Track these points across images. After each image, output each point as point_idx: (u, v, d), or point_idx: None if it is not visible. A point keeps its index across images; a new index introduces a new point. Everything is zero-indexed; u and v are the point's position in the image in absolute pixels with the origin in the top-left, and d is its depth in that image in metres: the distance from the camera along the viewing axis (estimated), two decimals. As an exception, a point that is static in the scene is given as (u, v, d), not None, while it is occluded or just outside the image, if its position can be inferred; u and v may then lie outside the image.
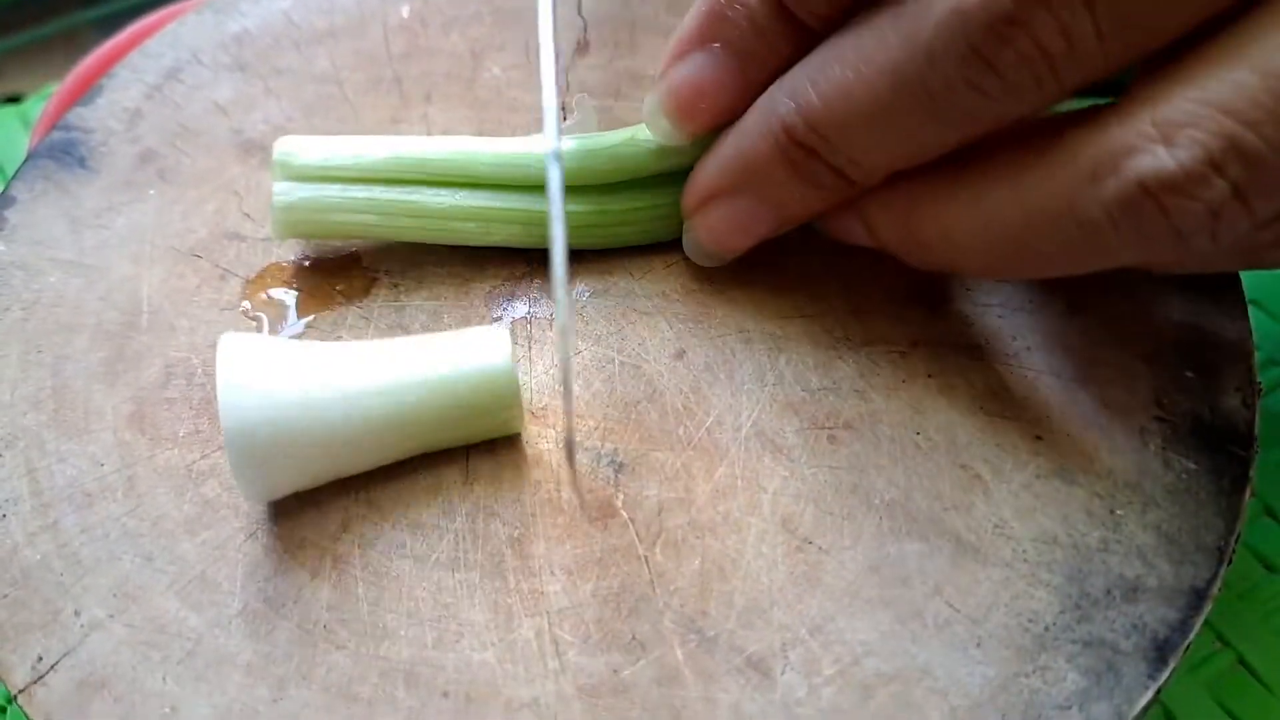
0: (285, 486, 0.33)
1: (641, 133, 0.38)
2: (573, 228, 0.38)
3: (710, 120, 0.36)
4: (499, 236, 0.39)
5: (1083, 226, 0.29)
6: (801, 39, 0.34)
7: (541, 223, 0.38)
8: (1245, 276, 0.38)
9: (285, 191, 0.38)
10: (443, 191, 0.38)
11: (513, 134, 0.43)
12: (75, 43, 0.64)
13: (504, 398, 0.33)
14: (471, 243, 0.39)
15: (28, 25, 0.64)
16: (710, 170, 0.37)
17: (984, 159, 0.32)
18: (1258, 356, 0.37)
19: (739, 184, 0.36)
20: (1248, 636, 0.39)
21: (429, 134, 0.43)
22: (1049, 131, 0.31)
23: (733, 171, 0.36)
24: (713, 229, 0.37)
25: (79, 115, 0.44)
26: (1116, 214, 0.28)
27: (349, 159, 0.38)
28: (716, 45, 0.35)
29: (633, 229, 0.39)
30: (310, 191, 0.38)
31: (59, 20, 0.65)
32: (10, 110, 0.56)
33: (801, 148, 0.33)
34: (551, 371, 0.37)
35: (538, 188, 0.38)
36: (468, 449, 0.35)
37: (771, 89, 0.34)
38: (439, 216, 0.38)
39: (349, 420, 0.32)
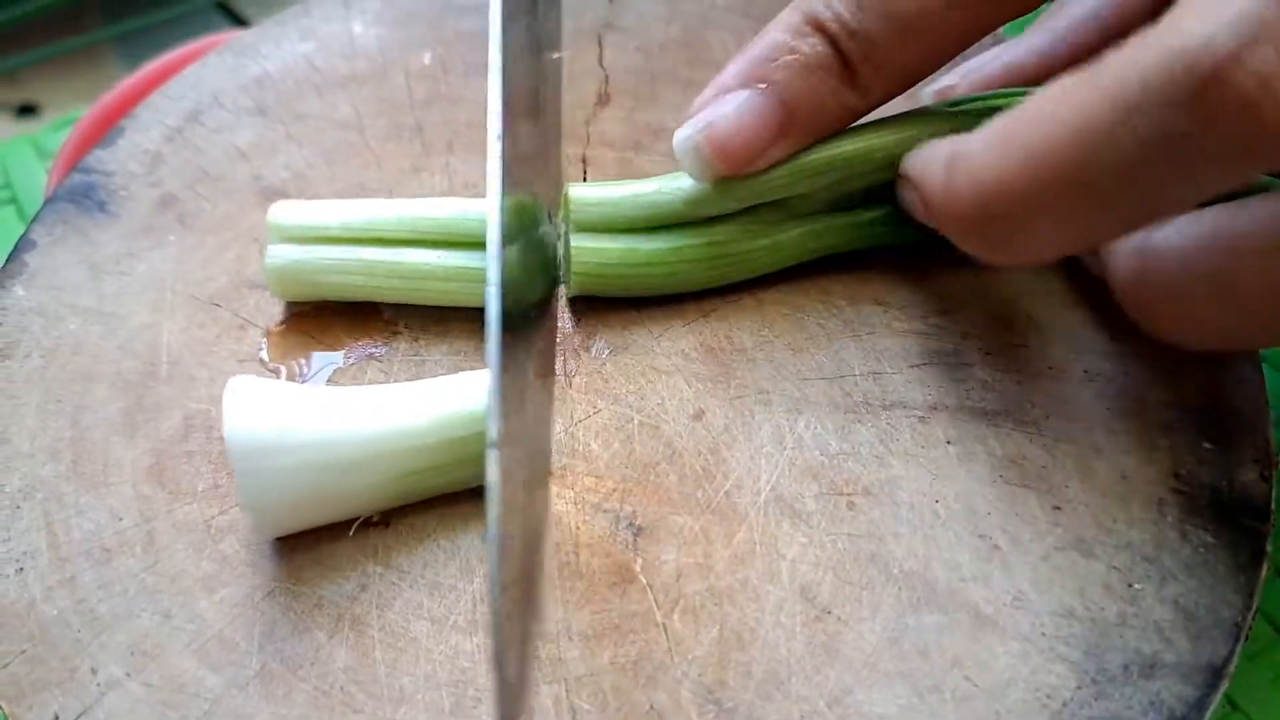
0: (290, 521, 0.34)
1: (669, 182, 0.38)
2: (597, 274, 0.38)
3: (742, 160, 0.36)
4: (478, 296, 0.39)
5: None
6: (856, 101, 0.35)
7: None
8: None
9: (277, 254, 0.39)
10: (429, 252, 0.39)
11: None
12: (94, 57, 0.64)
13: None
14: (460, 303, 0.39)
15: (48, 39, 0.64)
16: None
17: (1230, 229, 0.31)
18: (1272, 417, 0.37)
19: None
20: (1258, 700, 0.38)
21: (450, 184, 0.43)
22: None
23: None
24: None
25: (99, 158, 0.44)
26: None
27: (336, 221, 0.39)
28: (762, 85, 0.36)
29: (661, 272, 0.39)
30: (301, 254, 0.39)
31: (79, 35, 0.65)
32: (25, 140, 0.56)
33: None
34: (571, 430, 0.37)
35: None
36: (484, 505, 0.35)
37: (955, 147, 0.33)
38: (424, 277, 0.38)
39: (344, 458, 0.33)
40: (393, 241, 0.39)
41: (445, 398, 0.34)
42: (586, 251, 0.38)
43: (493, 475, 0.26)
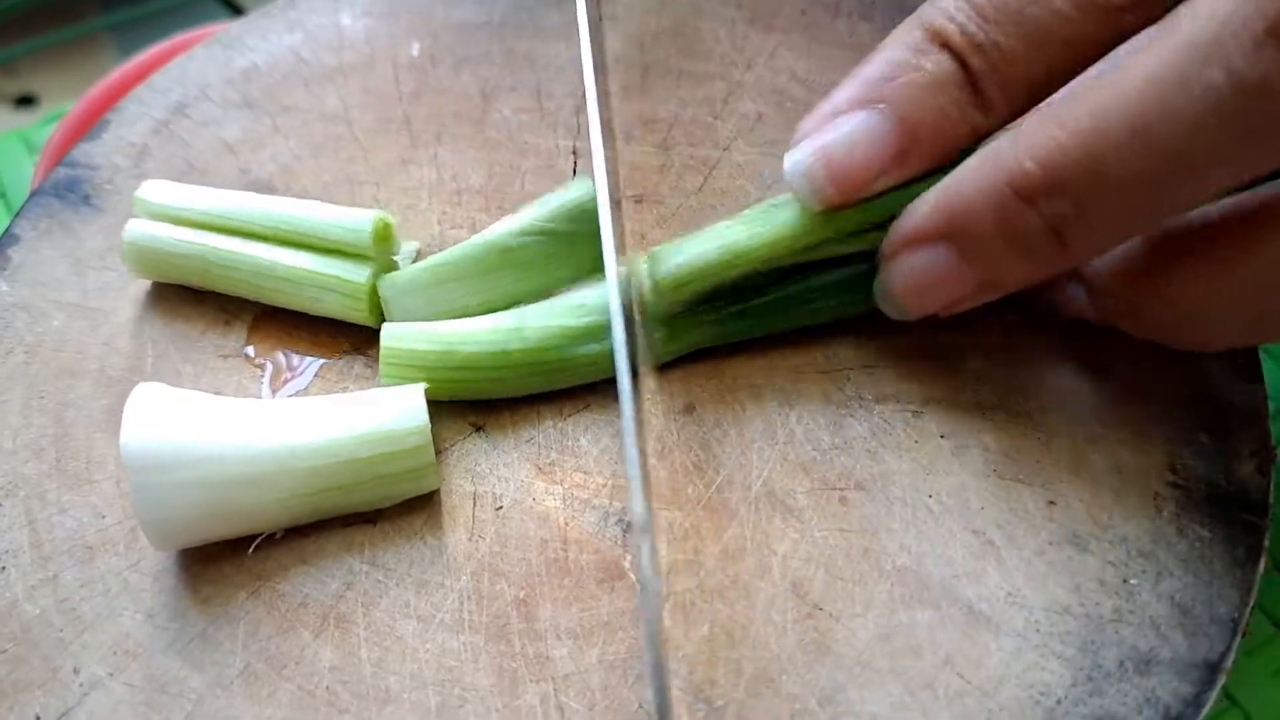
0: (186, 536, 0.33)
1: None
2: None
3: (857, 186, 0.34)
4: (330, 307, 0.38)
5: None
6: (981, 123, 0.32)
7: (360, 296, 0.37)
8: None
9: (135, 230, 0.39)
10: (278, 250, 0.38)
11: (522, 178, 0.42)
12: (91, 47, 0.64)
13: (415, 458, 0.33)
14: (306, 309, 0.39)
15: (45, 29, 0.64)
16: (919, 212, 0.33)
17: (1238, 220, 0.30)
18: (1270, 409, 0.36)
19: (945, 232, 0.33)
20: (1256, 695, 0.38)
21: (439, 175, 0.43)
22: None
23: (942, 216, 0.33)
24: (908, 278, 0.34)
25: (84, 151, 0.44)
26: None
27: (201, 207, 0.38)
28: (882, 105, 0.33)
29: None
30: (159, 233, 0.39)
31: (75, 25, 0.64)
32: (15, 135, 0.56)
33: (1023, 198, 0.30)
34: (560, 426, 0.37)
35: (362, 257, 0.38)
36: (473, 502, 0.35)
37: (1000, 137, 0.32)
38: (271, 276, 0.38)
39: (243, 475, 0.32)
40: (252, 235, 0.38)
41: (353, 415, 0.33)
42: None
43: (644, 561, 0.27)
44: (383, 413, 0.33)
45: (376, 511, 0.35)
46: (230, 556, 0.34)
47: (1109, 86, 0.28)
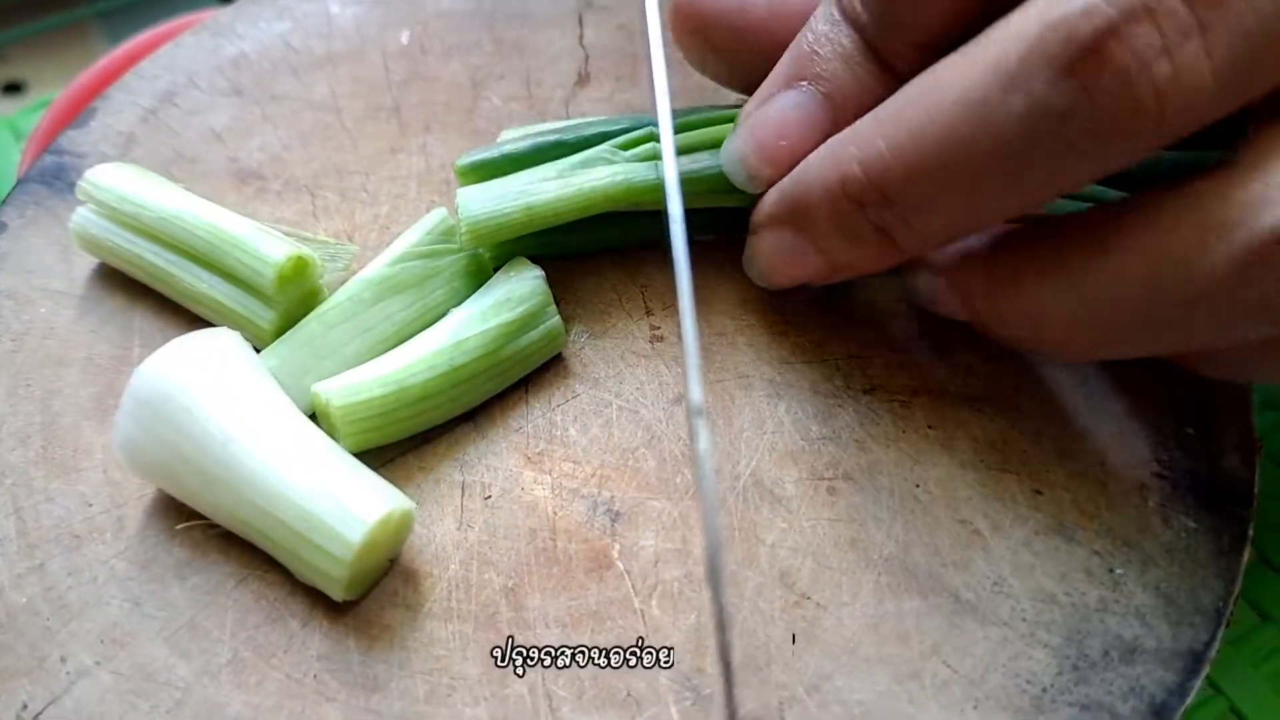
0: (156, 479, 0.34)
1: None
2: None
3: (791, 163, 0.35)
4: (251, 338, 0.37)
5: (1203, 288, 0.28)
6: (896, 86, 0.32)
7: (265, 339, 0.37)
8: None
9: (81, 219, 0.39)
10: (200, 271, 0.38)
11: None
12: (79, 33, 0.64)
13: (341, 558, 0.31)
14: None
15: (32, 15, 0.64)
16: (771, 198, 0.35)
17: (1080, 231, 0.31)
18: (1255, 399, 0.37)
19: (791, 221, 0.35)
20: (1240, 684, 0.38)
21: (427, 164, 0.43)
22: (1146, 203, 0.29)
23: (788, 206, 0.35)
24: (765, 255, 0.36)
25: (71, 139, 0.44)
26: (1245, 267, 0.27)
27: (133, 211, 0.38)
28: (805, 83, 0.34)
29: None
30: (101, 228, 0.39)
31: (64, 12, 0.64)
32: (1, 123, 0.56)
33: (851, 200, 0.32)
34: (549, 415, 0.37)
35: (258, 292, 0.37)
36: (461, 491, 0.35)
37: (842, 133, 0.33)
38: (193, 298, 0.38)
39: (210, 469, 0.32)
40: (178, 250, 0.38)
41: (339, 490, 0.32)
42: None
43: (703, 443, 0.28)
44: (358, 499, 0.32)
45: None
46: (218, 544, 0.34)
47: (926, 103, 0.30)
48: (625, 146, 0.37)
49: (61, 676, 0.32)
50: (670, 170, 0.33)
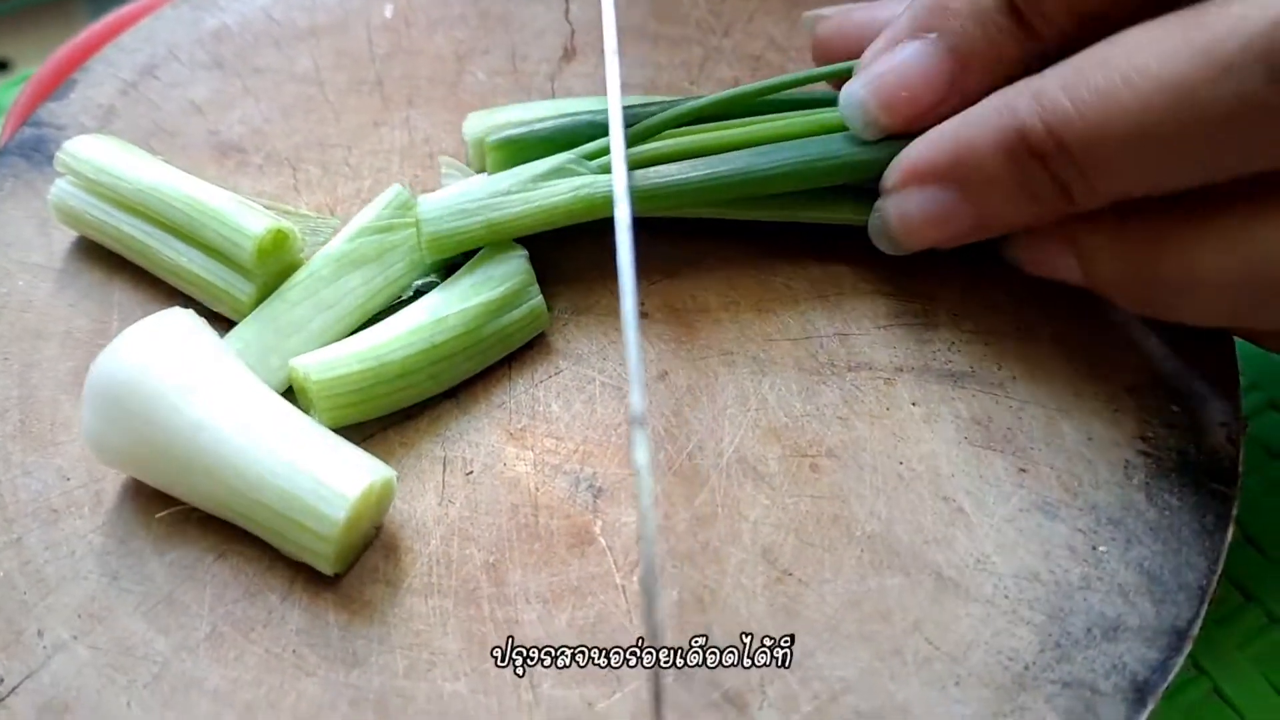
0: (124, 465, 0.34)
1: None
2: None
3: (910, 115, 0.34)
4: (227, 311, 0.37)
5: None
6: (1031, 47, 0.32)
7: (243, 311, 0.37)
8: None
9: (61, 191, 0.39)
10: (179, 244, 0.37)
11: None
12: (65, 10, 0.63)
13: (326, 535, 0.31)
14: (211, 307, 0.38)
15: (19, -7, 0.63)
16: (922, 151, 0.34)
17: (1241, 197, 0.30)
18: (1241, 382, 0.36)
19: (949, 174, 0.34)
20: (1224, 665, 0.38)
21: (410, 138, 0.42)
22: None
23: (947, 159, 0.33)
24: (906, 214, 0.35)
25: (50, 111, 0.43)
26: None
27: (111, 182, 0.38)
28: (933, 35, 0.34)
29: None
30: (80, 200, 0.38)
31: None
32: (-17, 96, 0.55)
33: (1033, 154, 0.31)
34: (531, 391, 0.36)
35: (237, 265, 0.37)
36: (443, 466, 0.35)
37: (1016, 86, 0.32)
38: (173, 271, 0.38)
39: (188, 453, 0.32)
40: (157, 223, 0.38)
41: (318, 466, 0.32)
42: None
43: (642, 456, 0.28)
44: (344, 476, 0.32)
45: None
46: (197, 519, 0.34)
47: (1119, 68, 0.29)
48: (591, 156, 0.37)
49: (38, 650, 0.31)
50: (620, 179, 0.33)
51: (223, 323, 0.37)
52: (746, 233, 0.39)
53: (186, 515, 0.34)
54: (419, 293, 0.37)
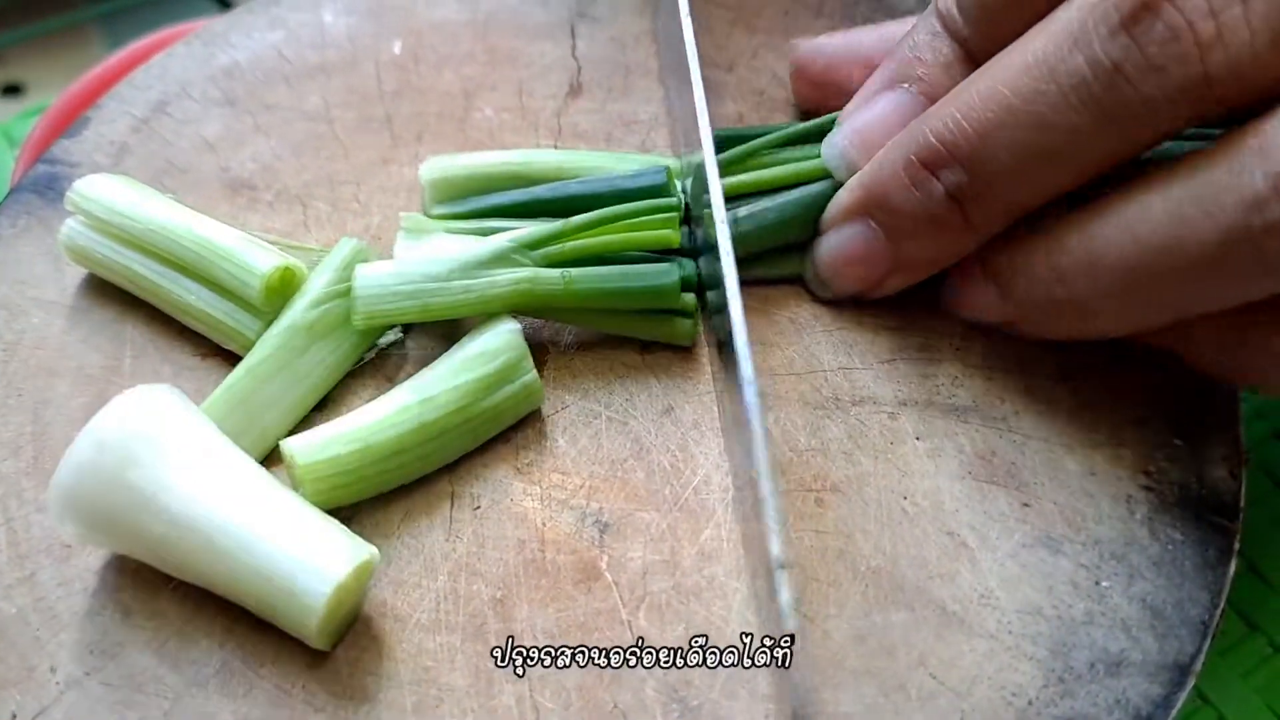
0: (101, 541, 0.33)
1: None
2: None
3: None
4: (237, 347, 0.38)
5: (1250, 211, 0.29)
6: None
7: (249, 340, 0.37)
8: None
9: (71, 230, 0.39)
10: (188, 283, 0.38)
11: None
12: (79, 36, 0.64)
13: (305, 618, 0.31)
14: (220, 344, 0.38)
15: (32, 17, 0.64)
16: (843, 192, 0.37)
17: (1124, 187, 0.32)
18: (1245, 409, 0.37)
19: (864, 205, 0.36)
20: (1229, 695, 0.38)
21: (419, 175, 0.43)
22: (1178, 161, 0.31)
23: (862, 193, 0.36)
24: (831, 253, 0.38)
25: (64, 148, 0.44)
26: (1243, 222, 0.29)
27: (121, 223, 0.38)
28: (906, 85, 0.36)
29: None
30: (90, 240, 0.39)
31: (64, 15, 0.64)
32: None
33: (928, 168, 0.34)
34: (538, 426, 0.37)
35: (246, 303, 0.37)
36: (450, 502, 0.35)
37: (917, 119, 0.35)
38: (182, 309, 0.38)
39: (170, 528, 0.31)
40: (167, 262, 0.38)
41: (299, 550, 0.31)
42: None
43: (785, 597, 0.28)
44: (318, 563, 0.31)
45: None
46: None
47: (999, 71, 0.32)
48: (533, 245, 0.37)
49: (51, 687, 0.32)
50: (724, 244, 0.34)
51: (231, 359, 0.38)
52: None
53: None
54: (382, 350, 0.38)
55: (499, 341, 0.35)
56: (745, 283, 0.34)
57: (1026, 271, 0.34)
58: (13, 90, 0.61)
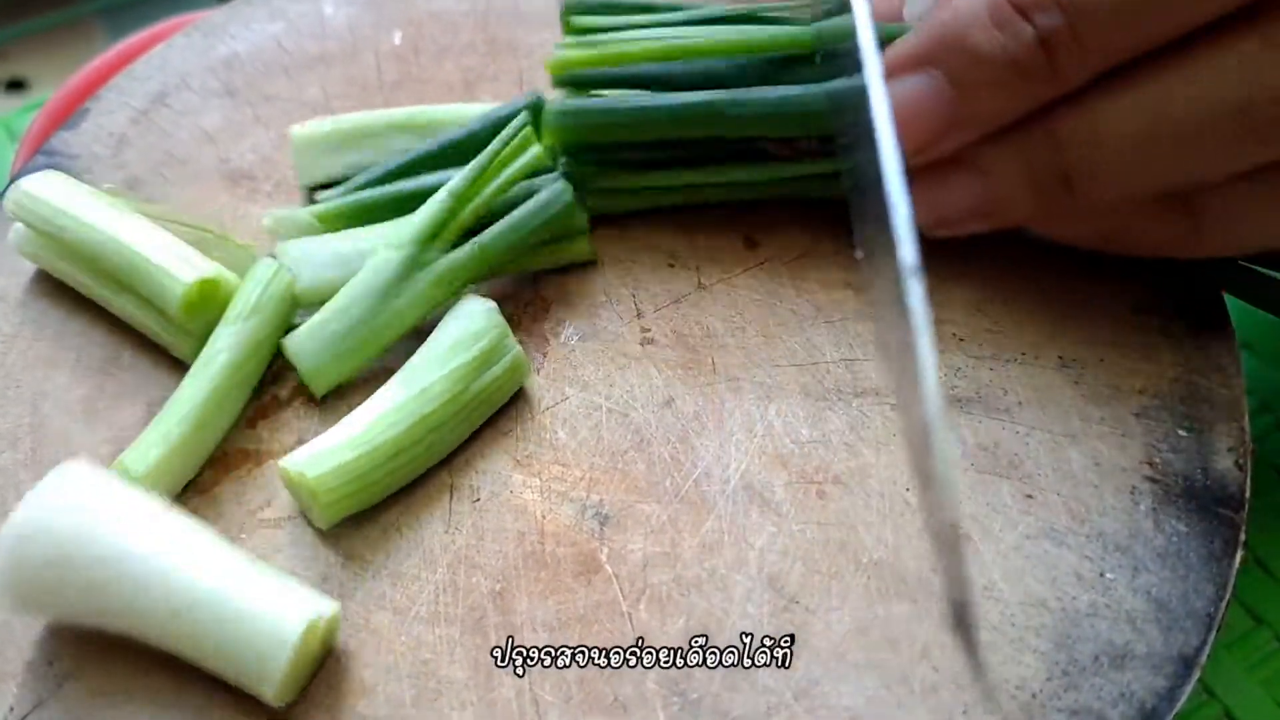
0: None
1: None
2: None
3: (912, 148, 0.34)
4: (177, 354, 0.37)
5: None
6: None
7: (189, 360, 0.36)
8: (1236, 320, 0.38)
9: (17, 235, 0.39)
10: (123, 295, 0.37)
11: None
12: (81, 31, 0.64)
13: (270, 666, 0.30)
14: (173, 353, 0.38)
15: (34, 12, 0.64)
16: (909, 37, 0.34)
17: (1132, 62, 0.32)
18: (1249, 403, 0.36)
19: (937, 52, 0.33)
20: (1235, 688, 0.38)
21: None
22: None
23: (935, 37, 0.33)
24: (893, 102, 0.34)
25: (63, 140, 0.44)
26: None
27: (56, 231, 0.37)
28: (936, 72, 0.34)
29: None
30: (35, 246, 0.38)
31: (65, 9, 0.64)
32: (-2, 122, 0.56)
33: (1018, 12, 0.31)
34: (538, 418, 0.36)
35: (154, 307, 0.37)
36: (450, 494, 0.35)
37: None
38: (124, 316, 0.38)
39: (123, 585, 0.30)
40: (98, 272, 0.37)
41: (245, 612, 0.30)
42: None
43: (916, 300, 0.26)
44: (266, 619, 0.30)
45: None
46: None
47: None
48: (430, 236, 0.37)
49: (49, 680, 0.32)
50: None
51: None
52: (751, 260, 0.39)
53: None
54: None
55: (479, 322, 0.35)
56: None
57: (1017, 159, 0.34)
58: (15, 85, 0.61)
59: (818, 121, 0.37)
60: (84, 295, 0.39)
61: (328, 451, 0.33)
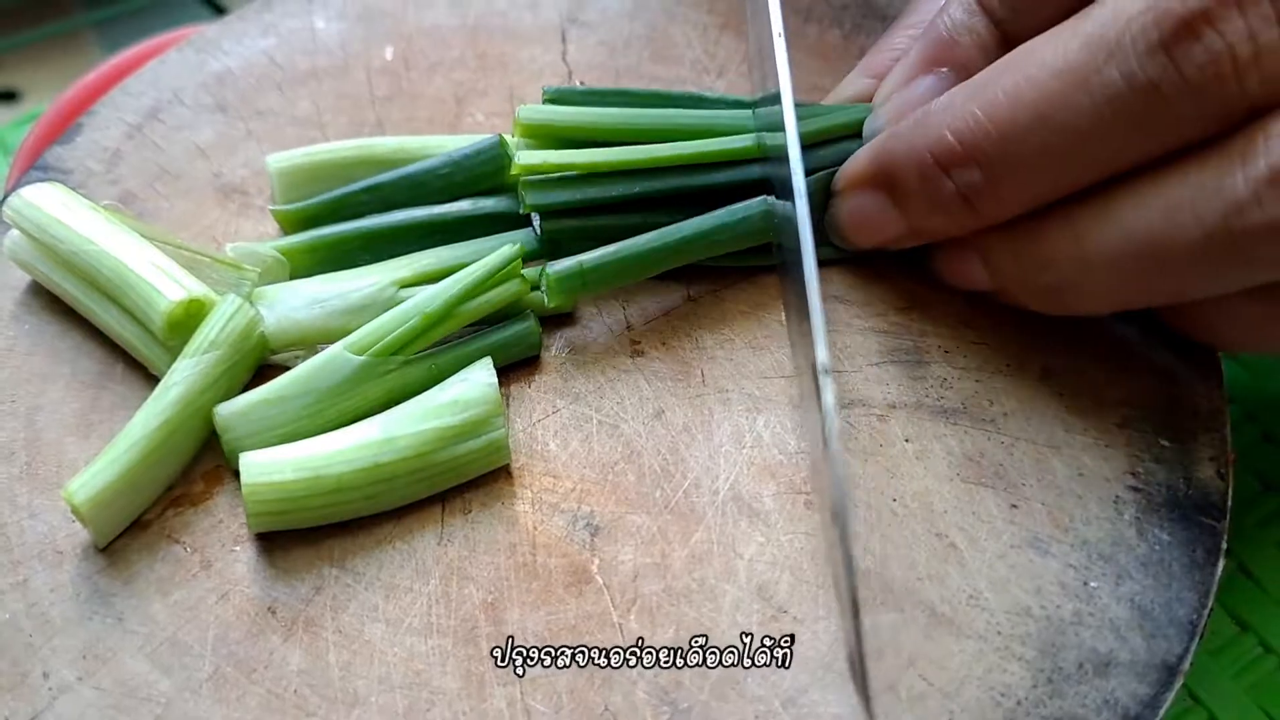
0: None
1: None
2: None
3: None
4: (154, 370, 0.38)
5: (1231, 214, 0.30)
6: None
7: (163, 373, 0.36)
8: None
9: (13, 244, 0.39)
10: (109, 308, 0.38)
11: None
12: (75, 42, 0.64)
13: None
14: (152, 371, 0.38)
15: (28, 23, 0.64)
16: (860, 159, 0.38)
17: (1114, 186, 0.32)
18: (1233, 412, 0.37)
19: (877, 181, 0.37)
20: (1220, 695, 0.39)
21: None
22: (1169, 164, 0.31)
23: (875, 168, 0.37)
24: (849, 215, 0.38)
25: (57, 155, 0.44)
26: (1266, 188, 0.29)
27: (50, 244, 0.38)
28: (944, 69, 0.37)
29: None
30: (29, 256, 0.39)
31: (59, 21, 0.65)
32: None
33: (940, 166, 0.34)
34: (530, 430, 0.37)
35: (140, 323, 0.37)
36: (442, 506, 0.35)
37: (934, 103, 0.35)
38: (109, 331, 0.38)
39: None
40: (89, 283, 0.38)
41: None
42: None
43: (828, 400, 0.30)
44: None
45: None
46: (200, 561, 0.34)
47: (1024, 72, 0.32)
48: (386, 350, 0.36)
49: (43, 692, 0.32)
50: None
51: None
52: (740, 272, 0.40)
53: (188, 551, 0.34)
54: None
55: (474, 393, 0.35)
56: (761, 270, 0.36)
57: (1015, 253, 0.35)
58: (8, 97, 0.61)
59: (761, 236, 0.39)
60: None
61: (273, 464, 0.33)
